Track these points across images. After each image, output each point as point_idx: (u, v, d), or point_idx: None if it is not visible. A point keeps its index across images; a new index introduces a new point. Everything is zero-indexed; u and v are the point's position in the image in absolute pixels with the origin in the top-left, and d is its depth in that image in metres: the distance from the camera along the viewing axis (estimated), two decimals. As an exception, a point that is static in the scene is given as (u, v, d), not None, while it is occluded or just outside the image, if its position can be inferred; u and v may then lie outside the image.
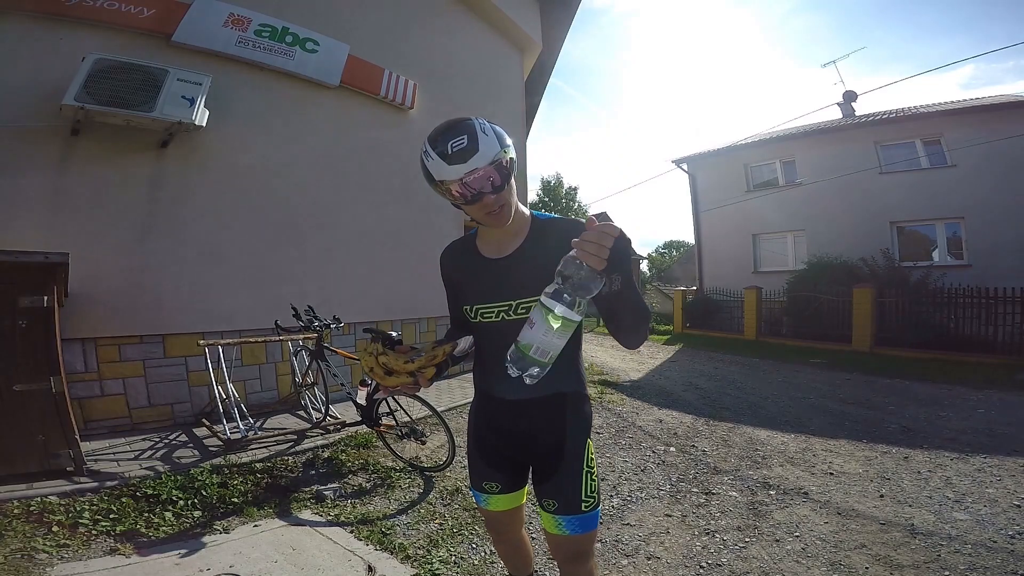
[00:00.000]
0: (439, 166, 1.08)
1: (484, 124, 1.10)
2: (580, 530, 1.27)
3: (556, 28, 9.19)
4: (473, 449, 1.44)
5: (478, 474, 1.42)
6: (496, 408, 1.35)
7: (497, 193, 1.12)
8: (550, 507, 1.28)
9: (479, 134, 1.07)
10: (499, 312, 1.24)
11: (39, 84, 3.71)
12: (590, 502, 1.27)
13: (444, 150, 1.07)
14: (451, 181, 1.08)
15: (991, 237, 10.07)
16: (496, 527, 1.53)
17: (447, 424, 3.42)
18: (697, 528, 2.72)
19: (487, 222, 1.18)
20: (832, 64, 22.69)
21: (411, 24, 6.42)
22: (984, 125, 10.06)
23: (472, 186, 1.09)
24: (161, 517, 2.59)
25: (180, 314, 4.26)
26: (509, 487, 1.40)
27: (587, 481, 1.28)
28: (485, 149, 1.07)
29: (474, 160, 1.06)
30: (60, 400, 2.86)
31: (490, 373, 1.33)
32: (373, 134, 5.80)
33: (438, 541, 2.51)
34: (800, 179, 12.92)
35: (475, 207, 1.13)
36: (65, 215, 3.81)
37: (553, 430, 1.30)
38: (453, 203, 1.17)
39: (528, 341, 1.01)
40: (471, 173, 1.07)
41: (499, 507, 1.42)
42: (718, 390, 6.24)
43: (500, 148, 1.10)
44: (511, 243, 1.26)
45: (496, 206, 1.13)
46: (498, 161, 1.09)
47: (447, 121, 1.12)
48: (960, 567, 2.26)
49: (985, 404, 5.35)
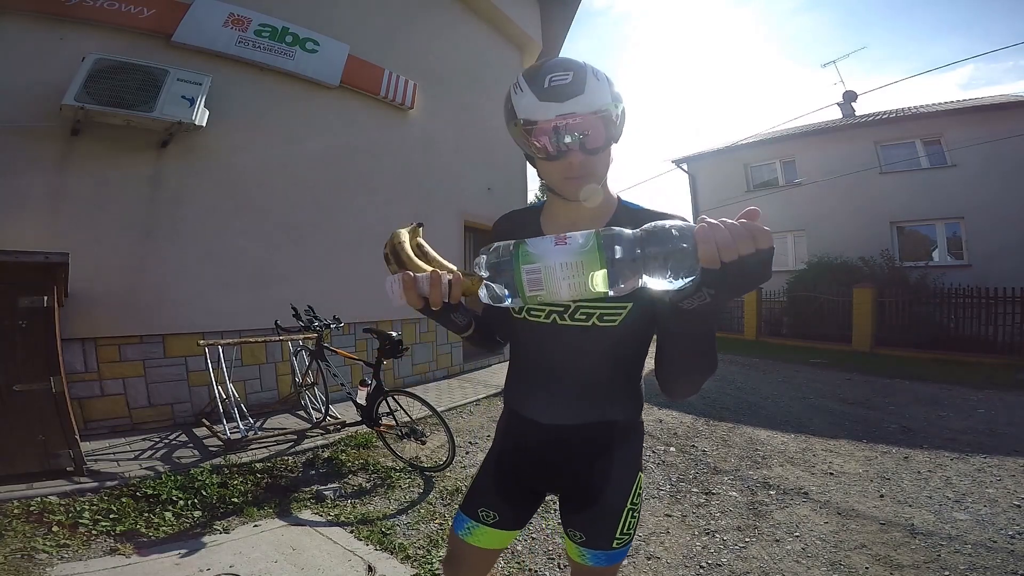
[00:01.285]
0: (528, 101, 0.87)
1: (598, 71, 0.88)
2: (605, 563, 1.07)
3: (556, 28, 9.19)
4: (489, 470, 1.19)
5: (480, 497, 1.17)
6: (525, 431, 1.11)
7: (589, 155, 0.89)
8: (576, 538, 1.08)
9: (589, 76, 0.86)
10: (551, 312, 1.01)
11: (39, 84, 3.71)
12: (624, 540, 1.07)
13: (540, 83, 0.86)
14: (539, 122, 0.87)
15: (991, 237, 10.07)
16: (459, 566, 1.19)
17: (447, 424, 3.42)
18: (697, 528, 2.72)
19: (563, 189, 0.95)
20: (832, 64, 22.65)
21: (411, 24, 6.42)
22: (984, 125, 10.06)
23: (563, 133, 0.86)
24: (161, 517, 2.59)
25: (180, 314, 4.26)
26: (507, 523, 1.15)
27: (626, 519, 1.06)
28: (592, 93, 0.85)
29: (574, 103, 0.84)
30: (60, 400, 2.86)
31: (524, 386, 1.11)
32: (373, 134, 5.80)
33: (438, 541, 2.51)
34: (800, 179, 12.92)
35: (556, 165, 0.91)
36: (65, 215, 3.80)
37: (593, 467, 1.06)
38: (531, 157, 0.96)
39: (539, 253, 0.70)
40: (567, 117, 0.85)
41: (482, 543, 1.15)
42: (718, 390, 6.24)
43: (611, 100, 0.87)
44: (586, 227, 0.97)
45: (581, 171, 0.91)
46: (605, 113, 0.87)
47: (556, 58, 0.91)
48: (960, 567, 2.26)
49: (985, 404, 5.35)
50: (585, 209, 1.00)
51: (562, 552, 2.47)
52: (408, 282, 0.87)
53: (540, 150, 0.90)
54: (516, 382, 1.15)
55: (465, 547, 1.16)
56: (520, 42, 8.50)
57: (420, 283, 0.87)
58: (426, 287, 0.87)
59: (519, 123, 0.89)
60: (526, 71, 0.91)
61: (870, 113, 13.42)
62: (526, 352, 1.09)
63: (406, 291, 0.87)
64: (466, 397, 5.44)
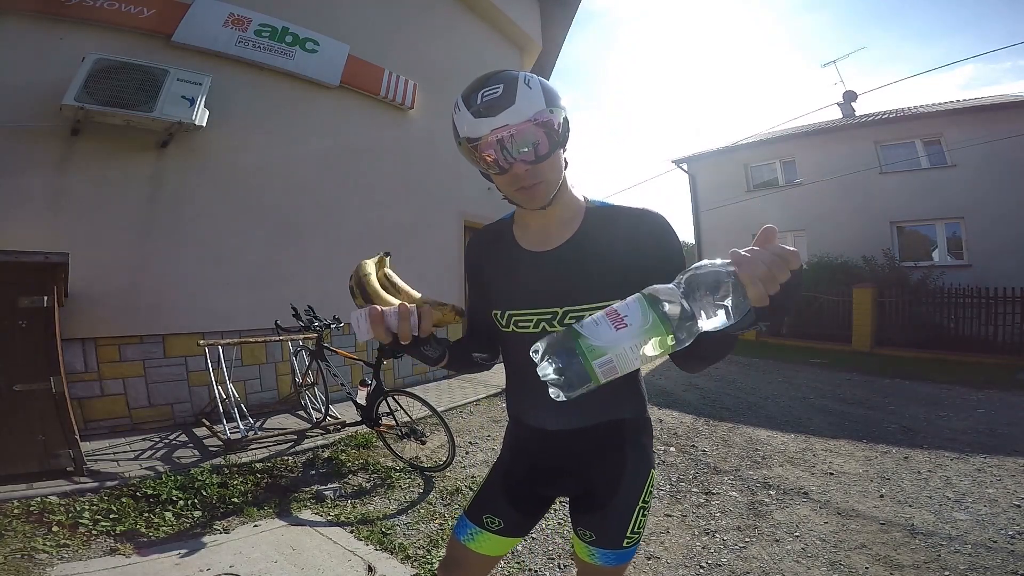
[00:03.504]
0: (466, 119, 0.88)
1: (531, 78, 0.88)
2: (614, 562, 1.06)
3: (556, 28, 9.19)
4: (497, 479, 1.18)
5: (487, 504, 1.16)
6: (533, 439, 1.09)
7: (533, 163, 0.89)
8: (586, 536, 1.08)
9: (520, 85, 0.86)
10: (539, 321, 0.99)
11: (39, 84, 3.71)
12: (634, 539, 1.06)
13: (475, 100, 0.87)
14: (476, 139, 0.87)
15: (991, 237, 10.07)
16: (457, 571, 1.18)
17: (447, 424, 3.42)
18: (697, 528, 2.72)
19: (518, 200, 0.95)
20: (832, 64, 22.62)
21: (411, 24, 6.42)
22: (984, 125, 10.06)
23: (504, 145, 0.86)
24: (161, 517, 2.59)
25: (180, 314, 4.26)
26: (512, 530, 1.14)
27: (637, 518, 1.06)
28: (523, 103, 0.85)
29: (506, 115, 0.85)
30: (60, 400, 2.86)
31: (523, 396, 1.10)
32: (373, 134, 5.80)
33: (438, 541, 2.51)
34: (800, 179, 12.92)
35: (505, 178, 0.91)
36: (65, 215, 3.80)
37: (606, 467, 1.05)
38: (483, 173, 0.96)
39: (606, 344, 0.67)
40: (501, 130, 0.85)
41: (484, 549, 1.13)
42: (718, 390, 6.24)
43: (545, 105, 0.87)
44: (559, 233, 1.01)
45: (529, 180, 0.90)
46: (543, 121, 0.86)
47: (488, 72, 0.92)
48: (960, 567, 2.26)
49: (985, 404, 5.34)
50: (552, 214, 1.00)
51: (562, 552, 2.47)
52: (375, 316, 0.85)
53: (490, 165, 0.90)
54: (516, 393, 1.13)
55: (467, 553, 1.15)
56: (520, 42, 8.50)
57: (388, 317, 0.85)
58: (394, 322, 0.85)
59: (463, 142, 0.91)
60: (464, 90, 0.91)
61: (870, 113, 13.42)
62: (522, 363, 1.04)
63: (373, 326, 0.85)
64: (466, 397, 5.43)
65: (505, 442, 1.22)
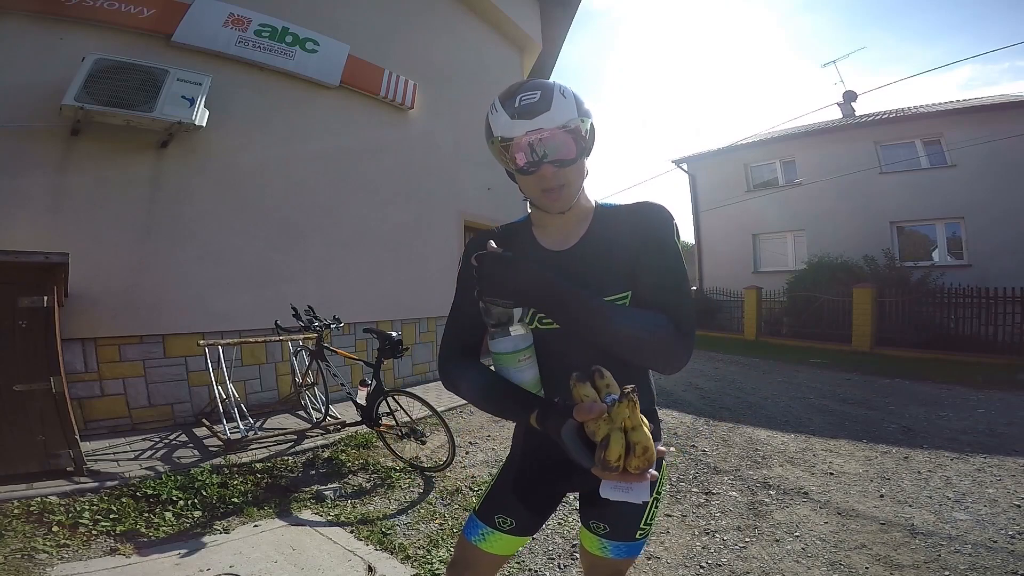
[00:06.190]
0: (502, 120, 0.94)
1: (566, 88, 0.96)
2: (625, 555, 1.12)
3: (556, 28, 9.19)
4: (508, 478, 1.21)
5: (498, 504, 1.18)
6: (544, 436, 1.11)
7: (561, 167, 0.96)
8: (598, 530, 1.13)
9: (555, 94, 0.94)
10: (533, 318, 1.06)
11: (39, 84, 3.71)
12: (646, 530, 1.13)
13: (512, 103, 0.94)
14: (513, 138, 0.94)
15: (991, 237, 10.08)
16: (466, 571, 1.20)
17: (447, 424, 3.42)
18: (697, 528, 2.72)
19: (542, 202, 1.01)
20: (832, 64, 22.71)
21: (411, 24, 6.42)
22: (984, 125, 10.06)
23: (536, 148, 0.93)
24: (161, 517, 2.59)
25: (180, 314, 4.26)
26: (522, 529, 1.17)
27: (651, 509, 1.12)
28: (557, 110, 0.92)
29: (542, 119, 0.92)
30: (60, 400, 2.86)
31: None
32: (373, 134, 5.80)
33: (438, 541, 2.51)
34: (800, 179, 12.92)
35: (532, 179, 0.98)
36: (65, 215, 3.80)
37: None
38: (511, 172, 1.02)
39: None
40: (536, 132, 0.92)
41: (495, 549, 1.16)
42: (718, 390, 6.24)
43: (577, 114, 0.95)
44: (575, 231, 1.08)
45: (555, 183, 0.97)
46: (573, 128, 0.94)
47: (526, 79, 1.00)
48: (960, 567, 2.25)
49: (985, 404, 5.34)
50: (569, 216, 1.07)
51: (562, 552, 2.47)
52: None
53: (520, 165, 0.96)
54: None
55: (478, 553, 1.17)
56: (520, 42, 8.50)
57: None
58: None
59: (496, 141, 0.97)
60: (502, 93, 0.98)
61: (870, 113, 13.42)
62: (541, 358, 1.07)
63: None
64: (466, 397, 5.43)
65: (515, 441, 1.25)
